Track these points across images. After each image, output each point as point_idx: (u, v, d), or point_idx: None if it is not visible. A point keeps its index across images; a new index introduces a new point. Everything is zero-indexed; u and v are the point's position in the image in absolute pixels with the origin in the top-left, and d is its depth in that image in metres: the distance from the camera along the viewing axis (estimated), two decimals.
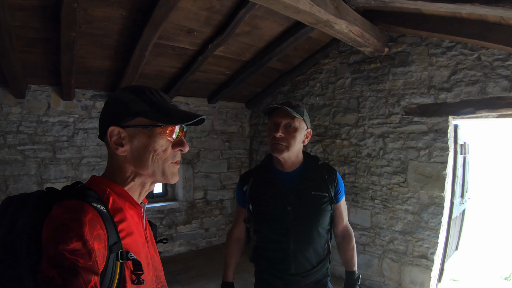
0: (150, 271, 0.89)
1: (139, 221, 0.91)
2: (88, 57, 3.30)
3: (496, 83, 2.90)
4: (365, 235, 3.77)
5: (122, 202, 0.86)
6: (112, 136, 0.85)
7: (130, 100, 0.86)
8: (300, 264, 1.62)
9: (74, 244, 0.66)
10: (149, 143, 0.86)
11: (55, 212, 0.72)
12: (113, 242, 0.75)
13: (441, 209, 3.19)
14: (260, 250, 1.76)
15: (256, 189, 1.68)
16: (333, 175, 1.69)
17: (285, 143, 1.56)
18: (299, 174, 1.66)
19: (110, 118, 0.86)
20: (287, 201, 1.60)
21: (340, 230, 1.81)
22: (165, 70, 3.98)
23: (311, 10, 2.44)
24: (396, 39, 3.52)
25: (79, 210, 0.72)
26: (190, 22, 3.07)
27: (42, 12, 2.55)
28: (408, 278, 3.42)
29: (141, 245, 0.87)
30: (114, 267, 0.74)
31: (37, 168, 3.80)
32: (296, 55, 4.22)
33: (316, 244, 1.65)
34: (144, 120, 0.86)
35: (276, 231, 1.64)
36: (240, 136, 5.62)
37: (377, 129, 3.70)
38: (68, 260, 0.64)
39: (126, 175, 0.88)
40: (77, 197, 0.76)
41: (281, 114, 1.57)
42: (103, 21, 2.79)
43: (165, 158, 0.89)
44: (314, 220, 1.62)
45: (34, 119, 3.78)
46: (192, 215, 5.06)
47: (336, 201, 1.69)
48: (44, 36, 2.87)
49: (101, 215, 0.75)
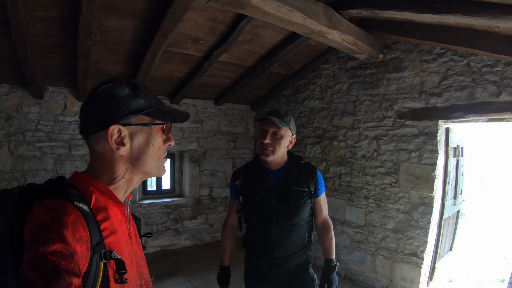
0: (134, 268, 0.88)
1: (122, 218, 0.89)
2: (102, 62, 3.57)
3: (484, 89, 3.03)
4: (360, 233, 3.95)
5: (105, 200, 0.84)
6: (113, 135, 0.81)
7: (129, 96, 0.83)
8: (282, 249, 1.86)
9: (56, 246, 0.64)
10: (149, 141, 0.87)
11: (36, 211, 0.70)
12: (96, 243, 0.74)
13: (431, 209, 3.34)
14: (248, 237, 2.00)
15: (246, 184, 1.92)
16: (313, 173, 1.92)
17: (271, 148, 1.79)
18: (283, 171, 1.89)
19: (108, 115, 0.81)
20: (271, 195, 1.84)
21: (320, 222, 2.03)
22: (173, 74, 4.24)
23: (303, 22, 2.66)
24: (390, 46, 3.69)
25: (61, 210, 0.70)
26: (196, 32, 3.32)
27: (61, 22, 2.82)
28: (399, 275, 3.57)
29: (124, 243, 0.86)
30: (97, 268, 0.73)
31: (54, 163, 4.10)
32: (297, 60, 4.43)
33: (296, 232, 1.88)
34: (145, 118, 0.86)
35: (261, 220, 1.88)
36: (245, 136, 5.85)
37: (372, 132, 3.88)
38: (49, 262, 0.62)
39: (117, 173, 0.86)
40: (59, 195, 0.74)
41: (269, 123, 1.80)
42: (117, 31, 3.06)
43: (160, 155, 0.91)
44: (295, 211, 1.85)
45: (52, 118, 4.07)
46: (197, 210, 5.31)
47: (315, 196, 1.92)
48: (62, 43, 3.14)
49: (84, 215, 0.73)
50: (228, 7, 2.39)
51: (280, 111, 1.84)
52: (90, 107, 0.83)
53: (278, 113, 1.81)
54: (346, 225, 4.10)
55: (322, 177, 1.99)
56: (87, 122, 0.84)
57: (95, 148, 0.84)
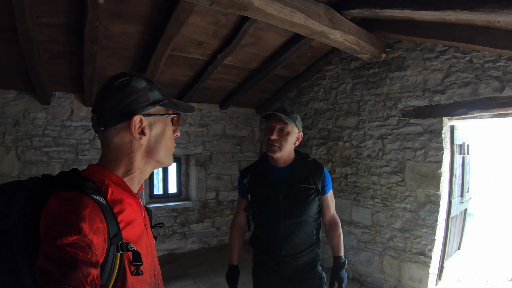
0: (149, 257, 0.90)
1: (137, 209, 0.91)
2: (108, 67, 3.60)
3: (487, 84, 3.02)
4: (367, 233, 3.93)
5: (121, 192, 0.85)
6: (135, 125, 0.84)
7: (147, 88, 0.87)
8: (290, 247, 1.86)
9: (73, 237, 0.65)
10: (164, 131, 0.91)
11: (52, 204, 0.71)
12: (113, 234, 0.75)
13: (437, 207, 3.33)
14: (256, 234, 2.01)
15: (254, 182, 1.94)
16: (320, 170, 1.93)
17: (278, 144, 1.81)
18: (290, 169, 1.91)
19: (130, 106, 0.84)
20: (279, 192, 1.85)
21: (328, 219, 2.04)
22: (178, 78, 4.28)
23: (305, 23, 2.69)
24: (393, 45, 3.71)
25: (78, 203, 0.71)
26: (200, 36, 3.36)
27: (67, 28, 2.88)
28: (407, 275, 3.55)
29: (140, 234, 0.88)
30: (114, 259, 0.74)
31: (61, 168, 4.14)
32: (300, 62, 4.46)
33: (304, 229, 1.89)
34: (161, 108, 0.90)
35: (269, 218, 1.89)
36: (251, 140, 5.87)
37: (376, 131, 3.88)
38: (67, 253, 0.63)
39: (134, 164, 0.88)
40: (75, 188, 0.75)
41: (275, 119, 1.83)
42: (122, 36, 3.11)
43: (172, 144, 0.96)
44: (302, 208, 1.86)
45: (58, 123, 4.13)
46: (204, 214, 5.33)
47: (323, 193, 1.93)
48: (69, 49, 3.19)
49: (101, 207, 0.74)
50: (230, 9, 2.43)
51: (286, 108, 1.86)
52: (109, 99, 0.84)
53: (284, 110, 1.83)
54: (353, 226, 4.09)
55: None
56: (106, 114, 0.84)
57: (112, 140, 0.85)
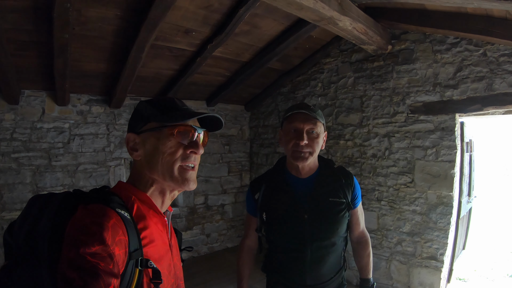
0: (171, 279, 0.90)
1: (163, 229, 0.92)
2: (82, 60, 3.20)
3: (502, 79, 2.84)
4: (372, 238, 3.63)
5: (146, 210, 0.87)
6: (128, 143, 0.91)
7: (144, 108, 0.92)
8: (316, 275, 1.53)
9: (96, 247, 0.67)
10: (158, 145, 0.87)
11: (79, 214, 0.74)
12: (134, 249, 0.76)
13: (450, 209, 3.12)
14: (273, 260, 1.66)
15: (269, 197, 1.58)
16: (349, 179, 1.61)
17: (310, 150, 1.47)
18: (314, 180, 1.56)
19: (129, 126, 0.94)
20: (304, 209, 1.50)
21: (356, 236, 1.72)
22: (162, 72, 3.89)
23: (315, 6, 2.36)
24: (399, 36, 3.44)
25: (103, 214, 0.73)
26: (188, 22, 2.98)
27: (35, 13, 2.46)
28: (417, 280, 3.34)
29: (163, 253, 0.88)
30: (132, 274, 0.75)
31: (32, 176, 3.68)
32: (296, 54, 4.14)
33: (333, 253, 1.56)
34: (153, 124, 0.89)
35: (292, 241, 1.54)
36: (240, 139, 5.53)
37: (382, 129, 3.62)
38: (89, 262, 0.65)
39: (145, 180, 0.90)
40: (101, 201, 0.78)
41: (302, 118, 1.46)
42: (98, 22, 2.70)
43: (174, 160, 0.88)
44: (333, 229, 1.53)
45: (28, 125, 3.67)
46: (192, 220, 4.96)
47: (353, 207, 1.60)
48: (37, 39, 2.78)
49: (124, 221, 0.76)
50: None
51: (309, 104, 1.51)
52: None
53: (308, 106, 1.48)
54: None
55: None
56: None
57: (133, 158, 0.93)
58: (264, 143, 5.30)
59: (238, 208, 5.51)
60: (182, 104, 0.94)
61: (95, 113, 4.05)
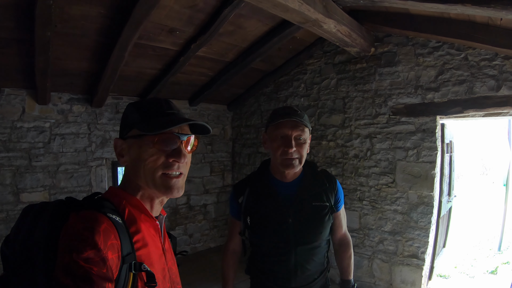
0: (167, 283, 0.90)
1: (155, 233, 0.92)
2: (64, 58, 3.12)
3: (483, 83, 2.92)
4: (354, 237, 3.73)
5: (138, 214, 0.88)
6: (116, 148, 0.92)
7: (129, 112, 0.91)
8: (301, 277, 1.55)
9: (88, 252, 0.67)
10: (139, 153, 0.87)
11: (71, 221, 0.74)
12: (127, 253, 0.76)
13: (431, 209, 3.19)
14: (257, 263, 1.66)
15: (253, 201, 1.58)
16: (333, 183, 1.63)
17: (298, 156, 1.47)
18: (298, 184, 1.57)
19: (119, 131, 0.95)
20: (288, 213, 1.51)
21: (338, 238, 1.75)
22: (145, 71, 3.83)
23: (300, 8, 2.37)
24: (382, 39, 3.49)
25: (94, 220, 0.73)
26: (172, 21, 2.94)
27: (16, 10, 2.38)
28: (399, 278, 3.40)
29: (157, 257, 0.88)
30: (126, 278, 0.75)
31: (12, 177, 3.57)
32: (280, 55, 4.15)
33: (317, 256, 1.58)
34: (136, 131, 0.88)
35: (276, 245, 1.55)
36: (222, 138, 5.51)
37: (364, 130, 3.67)
38: (82, 268, 0.65)
39: (133, 185, 0.90)
40: (93, 207, 0.78)
41: (290, 125, 1.45)
42: (80, 20, 2.64)
43: (155, 168, 0.87)
44: (317, 232, 1.55)
45: (8, 124, 3.55)
46: (175, 221, 4.92)
47: (336, 210, 1.62)
48: (18, 37, 2.69)
49: (116, 225, 0.76)
50: None
51: (296, 109, 1.50)
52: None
53: (295, 112, 1.47)
54: None
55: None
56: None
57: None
58: (247, 143, 5.31)
59: (220, 208, 5.50)
60: (169, 107, 0.91)
61: (76, 112, 3.96)
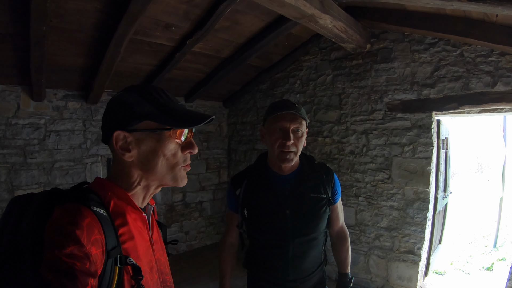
0: (155, 275, 0.88)
1: (142, 225, 0.89)
2: (59, 54, 3.09)
3: (479, 79, 2.93)
4: (350, 233, 3.68)
5: (124, 206, 0.84)
6: (117, 141, 0.82)
7: (135, 102, 0.82)
8: (299, 270, 1.56)
9: (71, 247, 0.65)
10: (157, 148, 0.83)
11: (55, 215, 0.72)
12: (112, 247, 0.74)
13: (427, 204, 3.21)
14: (255, 256, 1.66)
15: (251, 193, 1.58)
16: (330, 175, 1.63)
17: (295, 150, 1.47)
18: (296, 176, 1.57)
19: (114, 121, 0.82)
20: (286, 205, 1.52)
21: (336, 231, 1.75)
22: (141, 67, 3.81)
23: (296, 3, 2.37)
24: (378, 36, 3.50)
25: (77, 214, 0.71)
26: (168, 17, 2.93)
27: (10, 4, 2.36)
28: (395, 274, 3.42)
29: (143, 249, 0.86)
30: (112, 272, 0.74)
31: (7, 174, 3.55)
32: (276, 51, 4.14)
33: (315, 248, 1.59)
34: (151, 123, 0.82)
35: (274, 237, 1.55)
36: (218, 135, 5.50)
37: (360, 126, 3.68)
38: (65, 263, 0.64)
39: (132, 179, 0.85)
40: (78, 200, 0.76)
41: (288, 118, 1.45)
42: (76, 15, 2.61)
43: (176, 162, 0.86)
44: (314, 224, 1.55)
45: (3, 121, 3.52)
46: (171, 218, 4.91)
47: (333, 202, 1.63)
48: (13, 31, 2.66)
49: (100, 219, 0.74)
50: None
51: (293, 102, 1.50)
52: (104, 115, 0.86)
53: (293, 104, 1.47)
54: None
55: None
56: (103, 130, 0.86)
57: (113, 155, 0.86)
58: (243, 140, 5.30)
59: (216, 205, 5.49)
60: (175, 98, 0.89)
61: (71, 109, 3.94)
